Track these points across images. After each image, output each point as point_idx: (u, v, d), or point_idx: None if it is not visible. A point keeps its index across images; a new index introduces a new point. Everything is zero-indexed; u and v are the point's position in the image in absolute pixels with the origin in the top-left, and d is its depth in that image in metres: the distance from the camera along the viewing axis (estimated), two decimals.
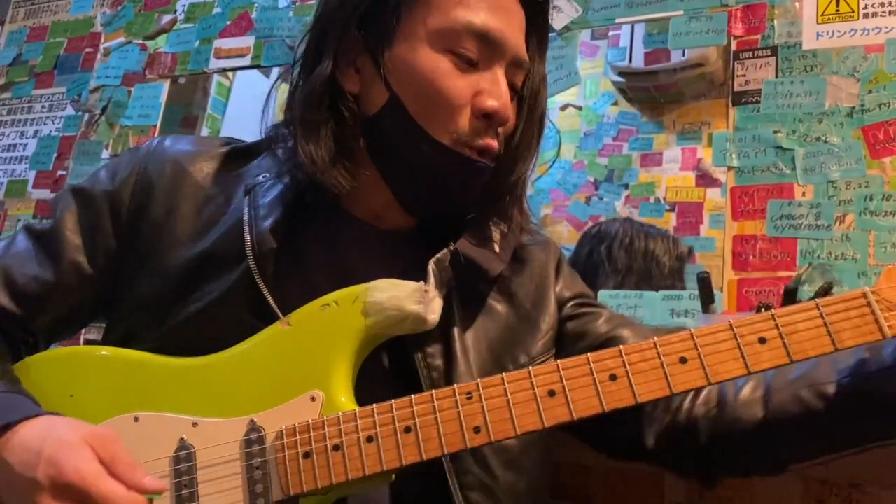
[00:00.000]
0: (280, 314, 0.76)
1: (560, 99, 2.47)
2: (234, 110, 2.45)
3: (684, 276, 1.81)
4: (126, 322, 0.82)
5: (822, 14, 1.45)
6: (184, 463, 0.71)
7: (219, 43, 2.13)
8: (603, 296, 1.52)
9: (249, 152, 0.89)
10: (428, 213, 0.87)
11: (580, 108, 2.64)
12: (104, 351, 0.80)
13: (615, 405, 0.65)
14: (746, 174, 1.43)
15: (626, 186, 2.48)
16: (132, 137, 2.17)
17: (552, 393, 0.67)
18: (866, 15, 1.40)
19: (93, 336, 1.45)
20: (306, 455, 0.69)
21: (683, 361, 0.66)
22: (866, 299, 0.64)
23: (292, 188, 0.82)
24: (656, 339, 0.67)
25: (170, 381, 0.75)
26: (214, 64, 2.12)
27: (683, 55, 2.23)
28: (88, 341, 1.44)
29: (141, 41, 2.28)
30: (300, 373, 0.73)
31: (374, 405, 0.70)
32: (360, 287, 0.74)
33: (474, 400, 0.68)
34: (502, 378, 0.68)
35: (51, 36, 2.45)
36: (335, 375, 0.72)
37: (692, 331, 0.66)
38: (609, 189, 2.51)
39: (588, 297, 0.93)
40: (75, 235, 0.84)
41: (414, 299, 0.73)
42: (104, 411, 0.73)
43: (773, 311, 0.65)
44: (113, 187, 0.86)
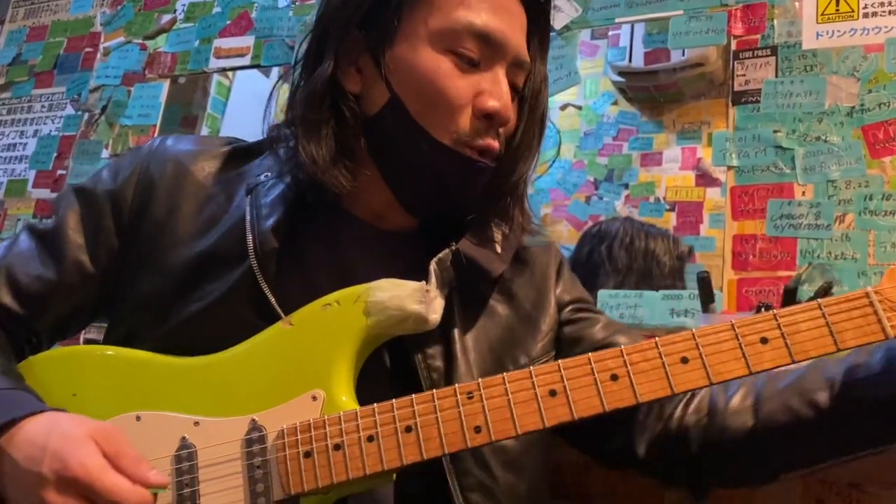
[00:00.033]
0: (282, 314, 0.76)
1: (560, 98, 2.46)
2: (234, 110, 2.45)
3: (684, 276, 1.81)
4: (128, 321, 0.82)
5: (822, 14, 1.45)
6: (185, 462, 0.71)
7: (218, 42, 2.13)
8: (603, 295, 1.52)
9: (251, 152, 0.89)
10: (428, 214, 0.87)
11: (580, 108, 2.64)
12: (106, 350, 0.80)
13: (616, 405, 0.65)
14: (746, 174, 1.43)
15: (626, 186, 2.48)
16: (132, 137, 2.17)
17: (553, 393, 0.66)
18: (866, 14, 1.40)
19: (93, 336, 1.44)
20: (307, 454, 0.69)
21: (685, 361, 0.65)
22: (869, 299, 0.64)
23: (293, 188, 0.82)
24: (657, 339, 0.66)
25: (171, 381, 0.75)
26: (214, 63, 2.12)
27: (683, 55, 2.23)
28: (88, 341, 1.43)
29: (141, 41, 2.27)
30: (301, 372, 0.73)
31: (375, 405, 0.70)
32: (362, 287, 0.74)
33: (475, 399, 0.68)
34: (503, 378, 0.68)
35: (50, 35, 2.45)
36: (336, 375, 0.72)
37: (693, 330, 0.66)
38: (609, 189, 2.51)
39: (587, 303, 0.93)
40: (78, 235, 0.84)
41: (415, 299, 0.73)
42: (106, 410, 0.73)
43: (775, 311, 0.65)
44: (115, 186, 0.86)
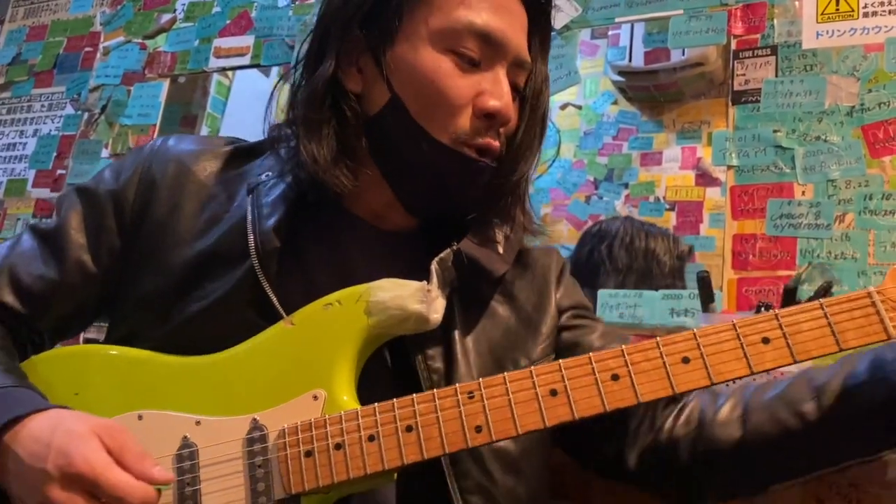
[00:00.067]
0: (283, 313, 0.76)
1: (560, 98, 2.46)
2: (234, 109, 2.45)
3: (685, 275, 1.81)
4: (129, 321, 0.82)
5: (822, 13, 1.45)
6: (187, 461, 0.71)
7: (218, 42, 2.13)
8: (603, 295, 1.52)
9: (252, 151, 0.89)
10: (428, 213, 0.87)
11: (580, 108, 2.64)
12: (109, 350, 0.80)
13: (617, 405, 0.65)
14: (746, 173, 1.43)
15: (626, 185, 2.47)
16: (132, 136, 2.17)
17: (554, 392, 0.66)
18: (866, 14, 1.40)
19: (92, 335, 1.44)
20: (308, 454, 0.69)
21: (686, 361, 0.65)
22: (871, 299, 0.64)
23: (294, 187, 0.82)
24: (659, 339, 0.66)
25: (173, 380, 0.76)
26: (214, 63, 2.12)
27: (683, 54, 2.22)
28: (88, 340, 1.43)
29: (140, 40, 2.27)
30: (303, 372, 0.73)
31: (376, 404, 0.69)
32: (363, 286, 0.74)
33: (476, 399, 0.68)
34: (504, 378, 0.68)
35: (50, 35, 2.45)
36: (338, 374, 0.72)
37: (695, 330, 0.66)
38: (609, 188, 2.50)
39: (586, 310, 0.93)
40: (80, 234, 0.85)
41: (416, 299, 0.73)
42: (108, 409, 0.73)
43: (777, 311, 0.65)
44: (117, 186, 0.86)
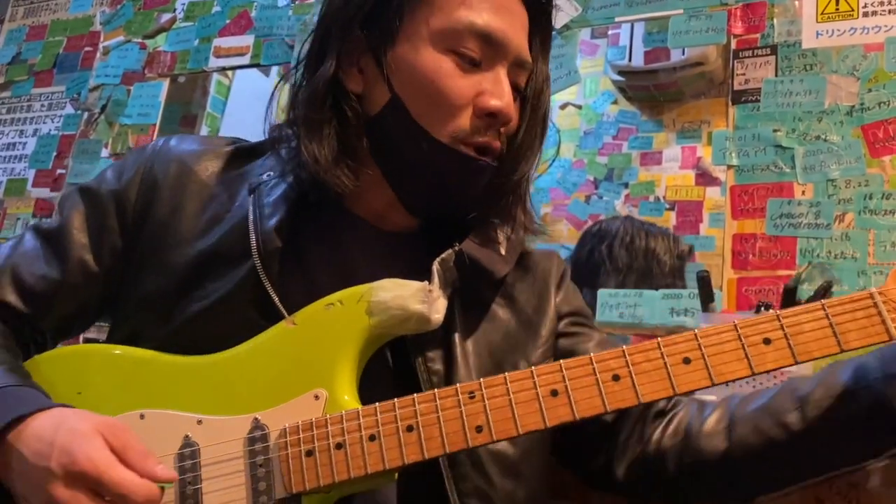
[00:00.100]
0: (285, 313, 0.76)
1: (560, 98, 2.46)
2: (234, 109, 2.45)
3: (685, 275, 1.81)
4: (131, 321, 0.82)
5: (822, 13, 1.45)
6: (188, 460, 0.71)
7: (218, 42, 2.13)
8: (603, 295, 1.52)
9: (254, 152, 0.90)
10: (429, 213, 0.87)
11: (580, 107, 2.64)
12: (111, 349, 0.80)
13: (618, 405, 0.65)
14: (746, 173, 1.43)
15: (626, 185, 2.47)
16: (131, 136, 2.17)
17: (555, 393, 0.66)
18: (866, 14, 1.40)
19: (92, 335, 1.44)
20: (309, 453, 0.69)
21: (687, 362, 0.65)
22: (873, 300, 0.64)
23: (296, 187, 0.82)
24: (660, 339, 0.66)
25: (175, 379, 0.76)
26: (214, 63, 2.12)
27: (683, 54, 2.22)
28: (87, 340, 1.43)
29: (140, 40, 2.27)
30: (304, 371, 0.73)
31: (377, 404, 0.70)
32: (365, 286, 0.74)
33: (477, 399, 0.68)
34: (505, 378, 0.68)
35: (50, 34, 2.45)
36: (339, 374, 0.72)
37: (696, 331, 0.66)
38: (609, 188, 2.50)
39: (584, 317, 0.93)
40: (82, 234, 0.85)
41: (418, 299, 0.73)
42: (111, 408, 0.74)
43: (778, 312, 0.64)
44: (119, 186, 0.86)
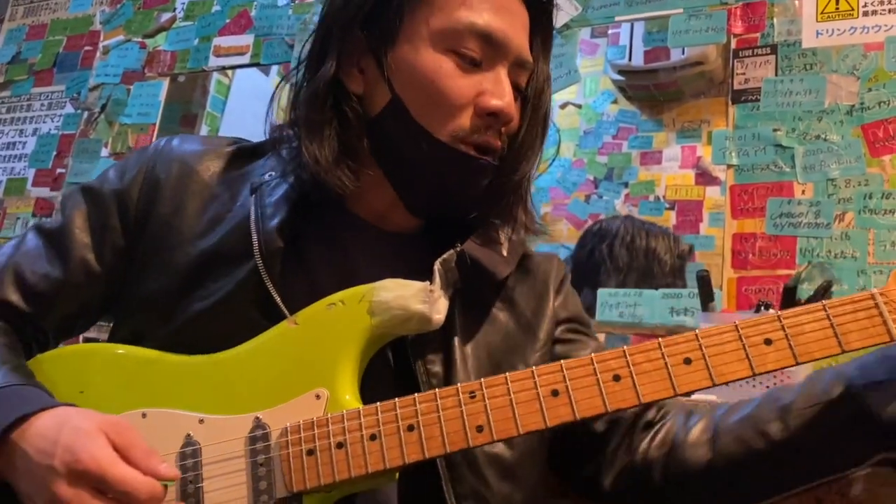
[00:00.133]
0: (287, 313, 0.76)
1: (560, 97, 2.46)
2: (234, 108, 2.45)
3: (685, 275, 1.81)
4: (133, 320, 0.82)
5: (822, 12, 1.45)
6: (189, 459, 0.71)
7: (218, 41, 2.13)
8: (603, 294, 1.52)
9: (255, 152, 0.90)
10: (429, 213, 0.87)
11: (580, 107, 2.64)
12: (113, 348, 0.80)
13: (619, 405, 0.65)
14: (746, 172, 1.44)
15: (626, 185, 2.48)
16: (131, 135, 2.17)
17: (555, 393, 0.66)
18: (866, 13, 1.41)
19: (92, 335, 1.44)
20: (310, 452, 0.69)
21: (688, 362, 0.65)
22: (874, 301, 0.63)
23: (297, 188, 0.82)
24: (660, 340, 0.66)
25: (177, 378, 0.76)
26: (214, 62, 2.13)
27: (683, 53, 2.23)
28: (87, 339, 1.43)
29: (140, 39, 2.28)
30: (306, 371, 0.73)
31: (378, 403, 0.69)
32: (367, 286, 0.74)
33: (477, 399, 0.68)
34: (506, 377, 0.68)
35: (50, 34, 2.45)
36: (340, 374, 0.72)
37: (697, 331, 0.66)
38: (608, 187, 2.51)
39: (581, 324, 0.92)
40: (84, 234, 0.85)
41: (419, 299, 0.72)
42: (113, 407, 0.73)
43: (779, 313, 0.64)
44: (121, 186, 0.86)
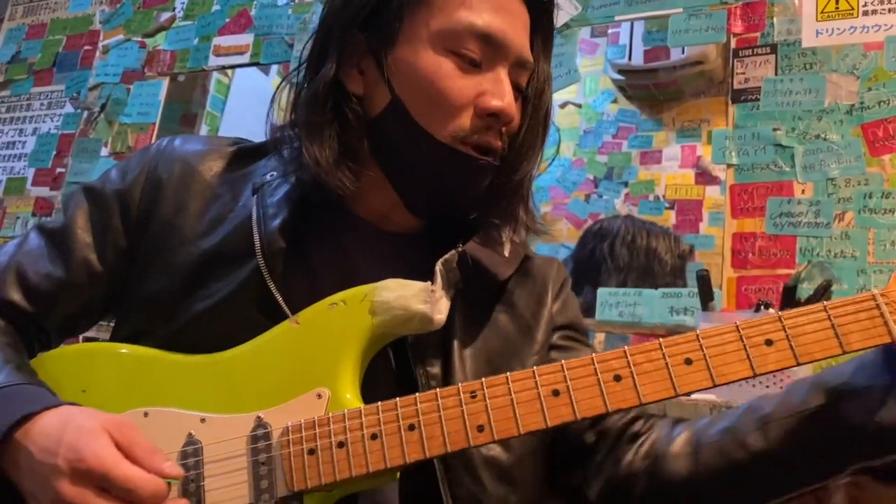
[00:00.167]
0: (289, 313, 0.76)
1: (559, 97, 2.46)
2: (234, 107, 2.45)
3: (685, 274, 1.82)
4: (135, 320, 0.83)
5: (822, 12, 1.45)
6: (191, 458, 0.71)
7: (218, 40, 2.13)
8: (603, 293, 1.53)
9: (257, 152, 0.90)
10: (430, 213, 0.87)
11: (580, 106, 2.65)
12: (115, 348, 0.80)
13: (619, 405, 0.65)
14: (746, 172, 1.44)
15: (626, 184, 2.48)
16: (131, 135, 2.18)
17: (556, 392, 0.66)
18: (866, 13, 1.41)
19: (91, 334, 1.44)
20: (311, 451, 0.69)
21: (689, 363, 0.65)
22: (875, 302, 0.63)
23: (298, 188, 0.82)
24: (661, 340, 0.66)
25: (179, 378, 0.76)
26: (213, 61, 2.12)
27: (683, 53, 2.23)
28: (87, 339, 1.44)
29: (140, 39, 2.28)
30: (307, 370, 0.73)
31: (379, 403, 0.70)
32: (368, 286, 0.74)
33: (478, 399, 0.68)
34: (507, 377, 0.68)
35: (49, 33, 2.45)
36: (342, 373, 0.72)
37: (698, 332, 0.66)
38: (608, 187, 2.51)
39: (577, 331, 0.92)
40: (86, 233, 0.85)
41: (420, 299, 0.73)
42: (115, 406, 0.74)
43: (780, 314, 0.64)
44: (123, 186, 0.87)
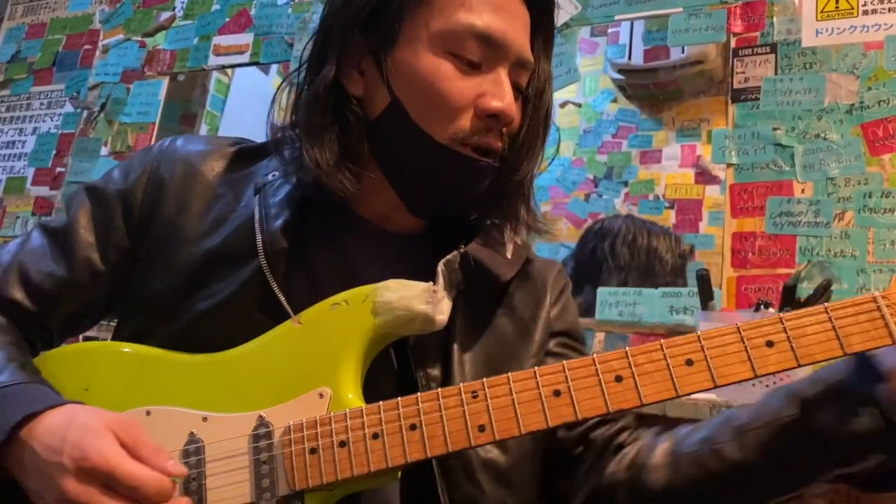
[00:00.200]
0: (291, 312, 0.76)
1: (559, 96, 2.46)
2: (234, 107, 2.45)
3: (686, 274, 1.82)
4: (137, 319, 0.83)
5: (822, 11, 1.45)
6: (193, 456, 0.71)
7: (217, 40, 2.13)
8: (602, 293, 1.53)
9: (259, 152, 0.90)
10: (430, 214, 0.87)
11: (579, 106, 2.65)
12: (118, 346, 0.80)
13: (620, 406, 0.65)
14: (746, 171, 1.44)
15: (626, 184, 2.48)
16: (131, 134, 2.17)
17: (557, 393, 0.67)
18: (865, 12, 1.41)
19: (91, 334, 1.44)
20: (313, 451, 0.69)
21: (689, 363, 0.65)
22: (876, 304, 0.63)
23: (299, 189, 0.82)
24: (662, 341, 0.66)
25: (181, 377, 0.76)
26: (213, 61, 2.12)
27: (683, 52, 2.23)
28: (87, 338, 1.44)
29: (140, 38, 2.27)
30: (309, 370, 0.73)
31: (381, 402, 0.70)
32: (370, 287, 0.74)
33: (480, 399, 0.68)
34: (508, 377, 0.68)
35: (49, 33, 2.45)
36: (344, 373, 0.72)
37: (699, 333, 0.66)
38: (608, 186, 2.51)
39: (575, 339, 0.92)
40: (88, 233, 0.85)
41: (422, 299, 0.73)
42: (117, 405, 0.74)
43: (781, 315, 0.64)
44: (126, 186, 0.87)
